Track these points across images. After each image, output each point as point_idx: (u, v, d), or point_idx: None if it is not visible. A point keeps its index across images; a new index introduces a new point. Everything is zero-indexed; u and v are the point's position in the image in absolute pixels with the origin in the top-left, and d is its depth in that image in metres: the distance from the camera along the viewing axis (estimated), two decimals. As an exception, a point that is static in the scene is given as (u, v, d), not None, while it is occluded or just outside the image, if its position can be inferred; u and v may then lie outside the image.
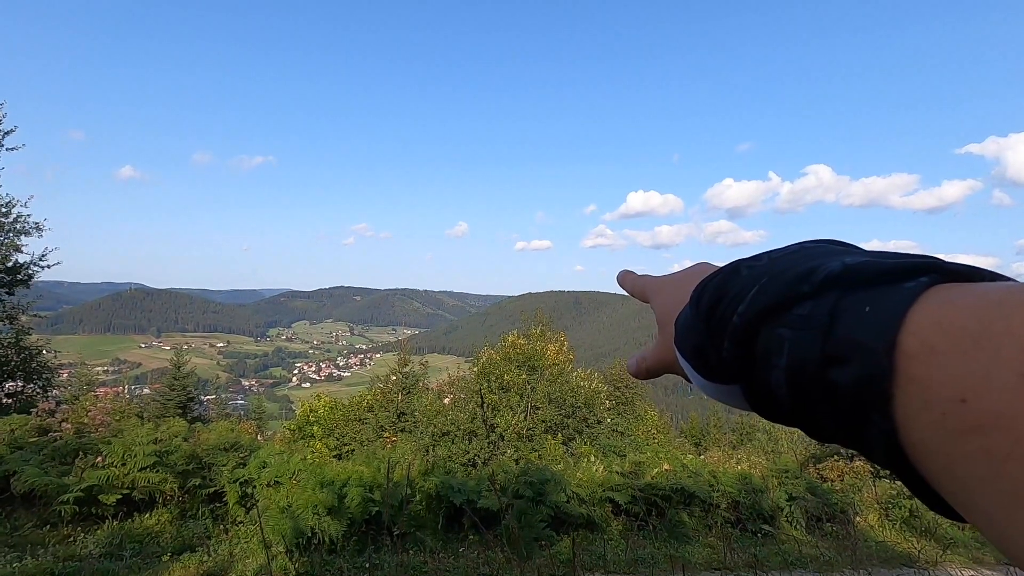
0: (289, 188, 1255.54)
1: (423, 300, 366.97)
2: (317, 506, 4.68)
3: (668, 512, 6.08)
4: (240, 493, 5.23)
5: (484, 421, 10.86)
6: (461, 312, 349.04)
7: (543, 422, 11.53)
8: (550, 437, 11.05)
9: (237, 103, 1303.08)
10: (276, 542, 4.45)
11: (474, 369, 13.57)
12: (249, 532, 4.92)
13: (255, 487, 5.21)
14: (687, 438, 19.45)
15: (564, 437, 11.38)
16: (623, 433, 13.51)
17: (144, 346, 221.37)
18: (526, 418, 11.42)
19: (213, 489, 5.41)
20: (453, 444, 10.91)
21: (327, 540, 4.54)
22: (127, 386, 19.86)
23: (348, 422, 15.10)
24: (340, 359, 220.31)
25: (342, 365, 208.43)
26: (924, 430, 0.18)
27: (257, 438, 7.84)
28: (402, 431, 14.06)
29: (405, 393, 15.37)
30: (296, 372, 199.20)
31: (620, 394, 17.24)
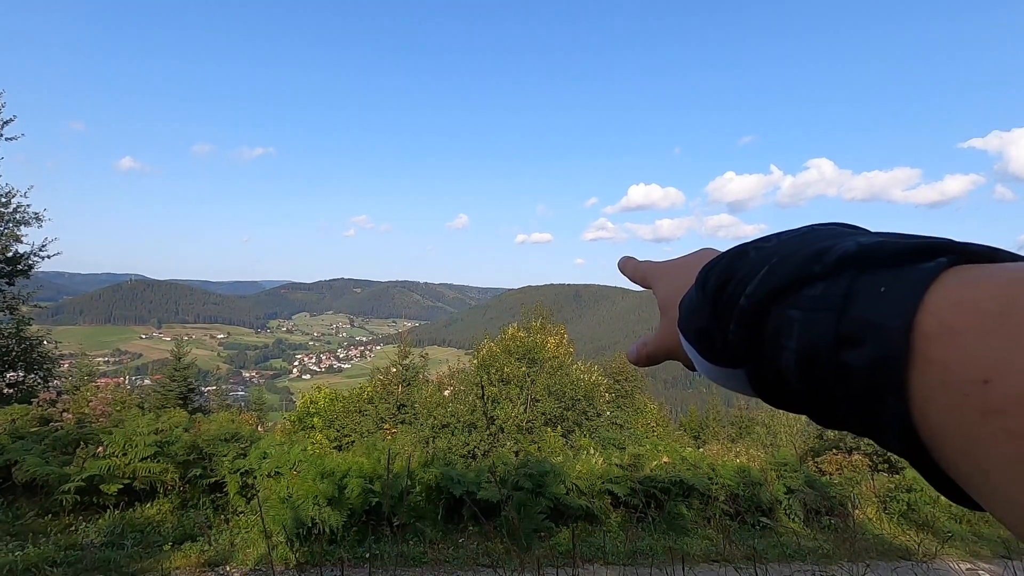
0: (289, 180, 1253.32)
1: (423, 292, 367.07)
2: (317, 496, 4.70)
3: (667, 504, 6.10)
4: (241, 483, 5.25)
5: (484, 413, 10.90)
6: (461, 304, 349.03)
7: (543, 414, 11.57)
8: (550, 429, 11.10)
9: (237, 94, 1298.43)
10: (277, 532, 4.48)
11: (474, 361, 13.62)
12: (250, 522, 4.94)
13: (256, 477, 5.23)
14: (686, 431, 19.55)
15: (564, 429, 11.43)
16: (622, 426, 13.56)
17: (145, 337, 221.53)
18: (526, 410, 11.46)
19: (214, 479, 5.43)
20: (453, 436, 10.96)
21: (327, 530, 4.57)
22: (128, 377, 19.97)
23: (348, 413, 15.17)
24: (340, 351, 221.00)
25: (342, 357, 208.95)
26: (942, 412, 0.17)
27: (257, 429, 7.86)
28: (402, 423, 14.11)
29: (405, 385, 15.42)
30: (296, 364, 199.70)
31: (620, 387, 17.30)
